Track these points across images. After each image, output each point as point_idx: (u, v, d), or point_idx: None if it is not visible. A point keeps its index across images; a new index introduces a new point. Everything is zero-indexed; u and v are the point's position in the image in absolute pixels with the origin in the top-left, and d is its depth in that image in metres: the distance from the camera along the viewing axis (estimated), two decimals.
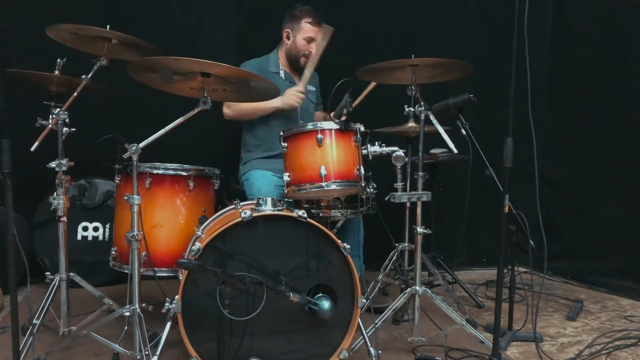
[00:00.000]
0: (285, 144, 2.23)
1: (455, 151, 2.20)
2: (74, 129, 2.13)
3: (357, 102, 2.81)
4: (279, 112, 2.82)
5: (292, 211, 1.95)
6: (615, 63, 3.37)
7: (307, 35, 2.83)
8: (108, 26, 2.10)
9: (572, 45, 3.69)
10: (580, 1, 3.63)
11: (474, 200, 2.82)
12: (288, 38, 2.89)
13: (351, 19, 3.59)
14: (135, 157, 1.89)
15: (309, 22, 2.83)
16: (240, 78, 2.05)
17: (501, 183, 2.06)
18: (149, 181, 2.24)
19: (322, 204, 2.38)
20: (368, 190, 2.22)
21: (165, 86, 2.08)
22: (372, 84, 2.82)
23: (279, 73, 2.90)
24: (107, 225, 3.19)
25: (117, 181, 2.37)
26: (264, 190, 2.62)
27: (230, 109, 2.82)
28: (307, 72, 2.81)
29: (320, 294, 1.91)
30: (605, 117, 3.44)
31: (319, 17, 2.85)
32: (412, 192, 2.25)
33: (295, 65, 2.91)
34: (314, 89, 3.04)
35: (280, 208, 1.98)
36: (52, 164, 2.08)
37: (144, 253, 2.11)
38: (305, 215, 1.92)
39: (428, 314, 2.49)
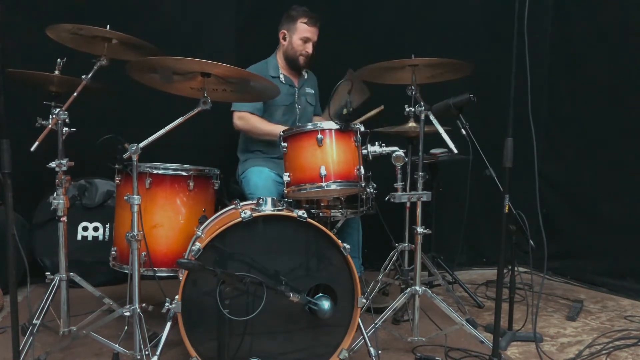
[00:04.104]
0: (285, 144, 2.23)
1: (455, 151, 2.20)
2: (74, 129, 2.13)
3: (360, 119, 2.74)
4: (278, 115, 2.85)
5: (292, 211, 1.95)
6: (615, 63, 3.37)
7: (303, 36, 2.84)
8: (108, 26, 2.10)
9: (572, 45, 3.69)
10: (580, 1, 3.63)
11: (474, 200, 2.82)
12: (284, 39, 2.90)
13: (351, 19, 3.59)
14: (135, 157, 1.89)
15: (305, 22, 2.84)
16: (240, 78, 2.05)
17: (501, 183, 2.06)
18: (149, 181, 2.24)
19: (322, 204, 2.38)
20: (368, 190, 2.22)
21: (165, 86, 2.08)
22: (380, 108, 2.79)
23: (278, 77, 2.90)
24: (107, 225, 3.19)
25: (117, 181, 2.37)
26: (261, 185, 2.62)
27: (244, 121, 2.80)
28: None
29: (320, 294, 1.91)
30: (605, 117, 3.44)
31: (315, 17, 2.86)
32: (412, 192, 2.25)
33: (294, 66, 2.92)
34: (313, 91, 3.04)
35: (280, 208, 1.98)
36: (52, 164, 2.07)
37: (144, 253, 2.11)
38: (305, 215, 1.92)
39: (428, 314, 2.49)
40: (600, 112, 3.47)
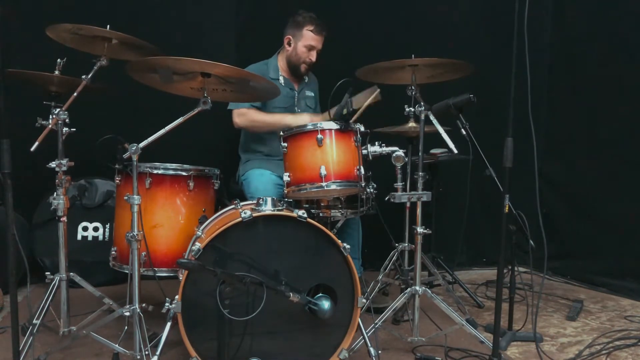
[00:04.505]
0: (285, 144, 2.23)
1: (455, 151, 2.20)
2: (74, 129, 2.13)
3: (360, 110, 2.71)
4: None
5: (292, 211, 1.95)
6: (615, 63, 3.37)
7: (308, 43, 2.81)
8: (108, 26, 2.10)
9: (572, 45, 3.69)
10: (580, 1, 3.63)
11: (474, 200, 2.82)
12: (289, 44, 2.86)
13: (351, 19, 3.59)
14: (135, 157, 1.89)
15: (311, 30, 2.79)
16: (240, 78, 2.05)
17: (501, 183, 2.06)
18: (149, 181, 2.24)
19: (322, 204, 2.38)
20: (368, 190, 2.22)
21: (165, 86, 2.08)
22: (375, 90, 2.74)
23: (278, 79, 2.88)
24: (107, 225, 3.19)
25: (117, 181, 2.37)
26: (261, 188, 2.61)
27: (243, 118, 2.78)
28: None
29: (320, 294, 1.91)
30: (605, 117, 3.44)
31: (321, 25, 2.82)
32: (412, 192, 2.25)
33: (295, 72, 2.90)
34: (313, 94, 3.03)
35: (280, 208, 1.98)
36: (52, 164, 2.08)
37: (144, 253, 2.11)
38: (305, 215, 1.92)
39: (428, 314, 2.49)
40: (600, 112, 3.47)
